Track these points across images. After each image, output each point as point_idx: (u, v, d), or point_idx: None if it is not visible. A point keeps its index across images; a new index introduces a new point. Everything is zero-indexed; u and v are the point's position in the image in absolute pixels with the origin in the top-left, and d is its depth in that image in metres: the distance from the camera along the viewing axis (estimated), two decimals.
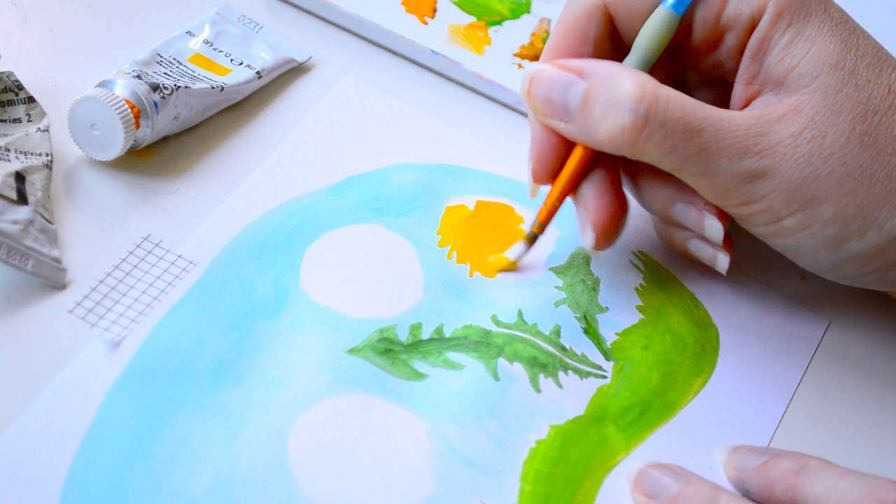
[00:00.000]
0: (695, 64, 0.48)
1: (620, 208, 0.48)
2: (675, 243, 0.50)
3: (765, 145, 0.43)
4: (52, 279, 0.47)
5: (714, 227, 0.48)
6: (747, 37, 0.45)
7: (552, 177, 0.48)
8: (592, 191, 0.48)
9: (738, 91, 0.46)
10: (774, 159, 0.43)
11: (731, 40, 0.46)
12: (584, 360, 0.48)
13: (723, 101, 0.47)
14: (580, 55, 0.47)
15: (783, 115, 0.44)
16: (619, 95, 0.44)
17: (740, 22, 0.45)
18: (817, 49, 0.44)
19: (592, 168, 0.48)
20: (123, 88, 0.50)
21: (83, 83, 0.52)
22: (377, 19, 0.58)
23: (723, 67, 0.47)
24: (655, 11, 0.46)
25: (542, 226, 0.49)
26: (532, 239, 0.50)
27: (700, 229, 0.48)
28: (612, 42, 0.48)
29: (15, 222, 0.47)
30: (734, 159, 0.44)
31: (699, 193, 0.46)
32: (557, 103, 0.46)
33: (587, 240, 0.48)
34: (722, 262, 0.49)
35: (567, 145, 0.48)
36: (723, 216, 0.48)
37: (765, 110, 0.44)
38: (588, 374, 0.48)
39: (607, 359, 0.49)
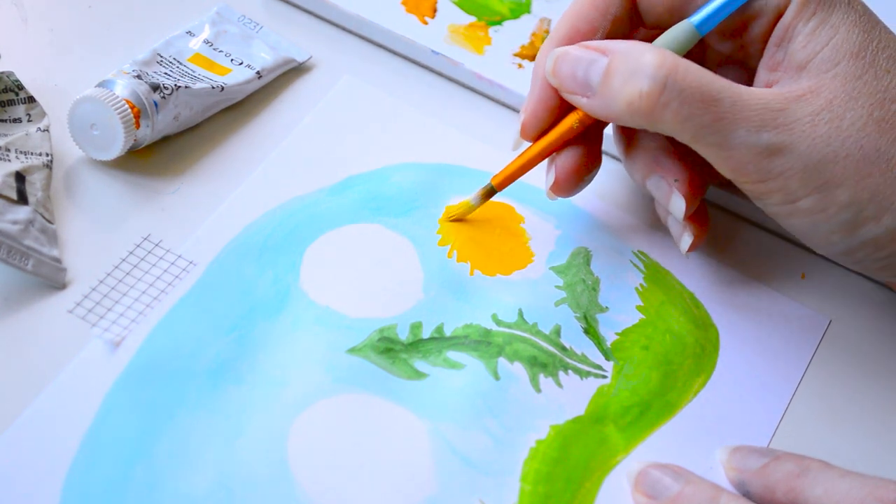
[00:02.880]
0: (718, 46, 0.49)
1: (587, 163, 0.49)
2: (660, 216, 0.51)
3: (783, 120, 0.44)
4: (52, 279, 0.47)
5: (677, 205, 0.48)
6: (773, 25, 0.46)
7: (539, 135, 0.49)
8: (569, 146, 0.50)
9: (761, 76, 0.47)
10: (793, 136, 0.44)
11: (756, 28, 0.47)
12: (584, 359, 0.48)
13: (745, 84, 0.48)
14: (597, 29, 0.48)
15: (802, 96, 0.44)
16: (639, 65, 0.44)
17: (767, 11, 0.46)
18: (840, 38, 0.45)
19: (577, 137, 0.49)
20: (123, 88, 0.50)
21: (83, 83, 0.52)
22: (377, 19, 0.58)
23: (746, 51, 0.48)
24: (678, 25, 0.47)
25: (503, 183, 0.51)
26: (489, 192, 0.51)
27: (666, 203, 0.49)
28: (630, 21, 0.49)
29: (15, 222, 0.47)
30: (752, 131, 0.44)
31: (675, 170, 0.47)
32: (580, 80, 0.46)
33: (547, 181, 0.50)
34: (684, 242, 0.50)
35: (560, 110, 0.49)
36: (692, 197, 0.48)
37: (784, 90, 0.45)
38: (588, 374, 0.48)
39: (607, 359, 0.49)
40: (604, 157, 0.51)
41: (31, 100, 0.51)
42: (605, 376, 0.48)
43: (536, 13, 0.61)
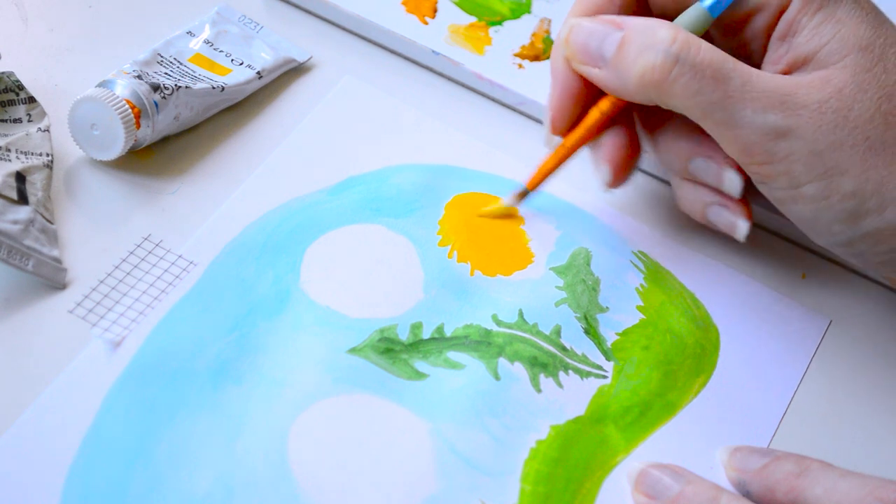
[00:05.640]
0: (720, 42, 0.49)
1: (634, 151, 0.50)
2: (695, 210, 0.51)
3: (791, 104, 0.44)
4: (52, 279, 0.47)
5: (733, 181, 0.48)
6: (776, 20, 0.46)
7: (569, 128, 0.50)
8: (608, 134, 0.50)
9: (766, 72, 0.47)
10: (800, 120, 0.44)
11: (759, 22, 0.47)
12: (584, 360, 0.48)
13: None
14: (603, 13, 0.48)
15: (812, 83, 0.45)
16: (653, 39, 0.45)
17: (770, 5, 0.46)
18: (847, 31, 0.45)
19: (606, 128, 0.49)
20: (124, 88, 0.50)
21: (83, 83, 0.52)
22: (377, 19, 0.58)
23: (748, 49, 0.48)
24: (691, 8, 0.47)
25: (536, 181, 0.51)
26: (523, 195, 0.52)
27: (719, 183, 0.49)
28: (638, 8, 0.49)
29: (15, 222, 0.47)
30: (759, 111, 0.44)
31: (721, 148, 0.47)
32: (594, 50, 0.47)
33: (602, 175, 0.50)
34: (741, 228, 0.49)
35: (587, 99, 0.49)
36: (743, 171, 0.48)
37: (795, 77, 0.45)
38: (588, 374, 0.48)
39: (608, 359, 0.49)
40: None
41: (31, 100, 0.51)
42: (605, 376, 0.48)
43: (537, 13, 0.61)
